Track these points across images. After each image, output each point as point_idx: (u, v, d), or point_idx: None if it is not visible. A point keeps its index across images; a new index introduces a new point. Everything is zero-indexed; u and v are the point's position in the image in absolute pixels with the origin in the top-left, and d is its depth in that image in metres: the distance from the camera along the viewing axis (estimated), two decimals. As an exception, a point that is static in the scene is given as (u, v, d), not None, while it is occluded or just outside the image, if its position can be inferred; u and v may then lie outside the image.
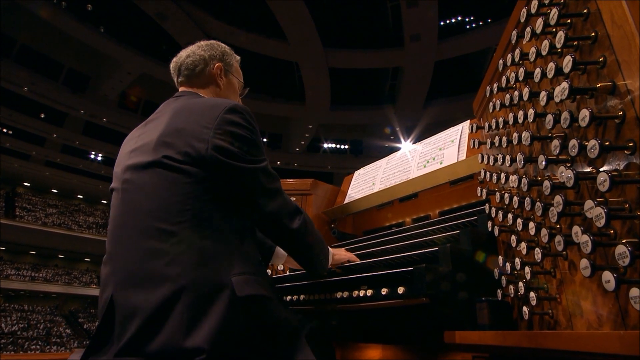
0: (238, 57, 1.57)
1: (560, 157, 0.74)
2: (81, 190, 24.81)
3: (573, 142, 0.65)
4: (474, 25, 17.24)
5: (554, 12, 0.73)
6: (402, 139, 19.94)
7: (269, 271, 2.19)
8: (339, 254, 1.49)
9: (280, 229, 1.20)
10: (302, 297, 1.46)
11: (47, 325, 21.38)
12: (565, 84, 0.68)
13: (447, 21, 17.31)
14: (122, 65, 18.47)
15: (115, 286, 1.03)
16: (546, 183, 0.75)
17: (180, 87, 1.43)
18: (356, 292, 1.22)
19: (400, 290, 1.09)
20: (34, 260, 23.98)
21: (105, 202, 26.05)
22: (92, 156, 22.18)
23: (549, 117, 0.73)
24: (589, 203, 0.61)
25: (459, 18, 17.41)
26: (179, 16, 15.72)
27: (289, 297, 1.52)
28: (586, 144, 0.62)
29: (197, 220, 1.03)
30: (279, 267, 2.20)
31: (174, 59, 1.45)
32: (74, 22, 16.11)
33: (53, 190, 24.73)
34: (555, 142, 0.72)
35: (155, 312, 0.94)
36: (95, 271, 25.22)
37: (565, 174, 0.67)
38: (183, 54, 1.45)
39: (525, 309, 0.91)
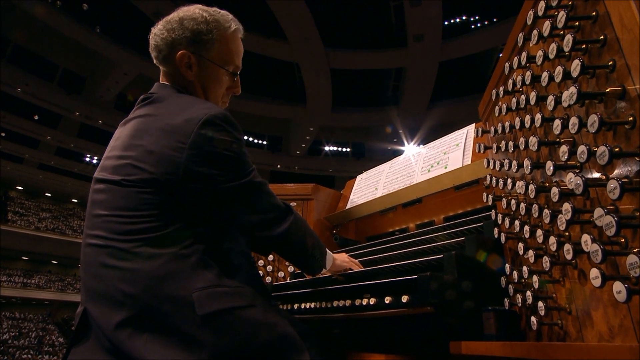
0: (233, 28, 1.26)
1: (568, 163, 0.74)
2: (76, 194, 24.84)
3: (582, 148, 0.65)
4: (479, 24, 17.31)
5: (561, 15, 0.74)
6: (405, 142, 19.97)
7: (269, 278, 2.19)
8: (341, 259, 1.48)
9: (268, 238, 1.17)
10: (303, 305, 1.46)
11: (39, 333, 21.35)
12: (573, 89, 0.68)
13: (452, 20, 17.38)
14: (119, 65, 18.55)
15: (86, 300, 1.03)
16: (554, 190, 0.75)
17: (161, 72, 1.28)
18: (359, 300, 1.22)
19: (404, 299, 1.09)
20: (26, 266, 23.99)
21: (100, 206, 26.04)
22: (87, 159, 22.24)
23: (557, 122, 0.74)
24: (598, 211, 0.61)
25: (464, 17, 17.48)
26: (177, 16, 15.78)
27: (289, 306, 1.52)
28: (595, 149, 0.63)
29: (156, 239, 1.00)
30: (279, 274, 2.20)
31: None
32: (70, 22, 16.22)
33: (47, 194, 24.79)
34: (564, 148, 0.72)
35: (113, 336, 0.93)
36: (90, 277, 25.17)
37: (574, 181, 0.67)
38: (153, 29, 1.25)
39: (533, 319, 0.91)
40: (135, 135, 1.11)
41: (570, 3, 0.76)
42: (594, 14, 0.70)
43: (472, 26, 17.45)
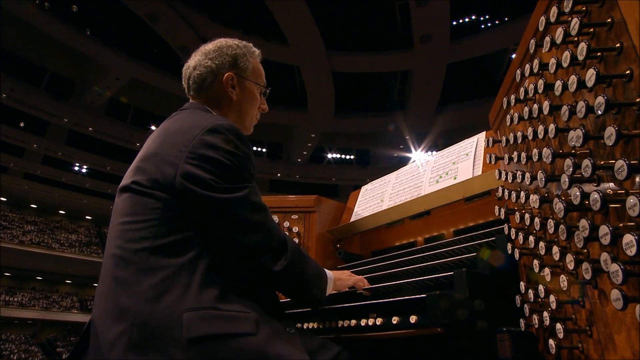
0: (257, 52, 1.53)
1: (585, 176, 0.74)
2: (63, 205, 24.88)
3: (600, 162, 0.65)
4: (489, 24, 17.41)
5: (575, 22, 0.75)
6: (412, 148, 19.97)
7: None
8: (342, 279, 1.45)
9: (259, 269, 1.14)
10: (305, 325, 1.46)
11: (22, 355, 21.21)
12: (590, 100, 0.69)
13: (460, 20, 17.50)
14: (110, 70, 18.73)
15: (95, 311, 1.08)
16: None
17: (191, 100, 1.44)
18: (365, 320, 1.22)
19: (413, 319, 1.09)
20: (8, 282, 23.89)
21: (89, 218, 26.13)
22: (76, 168, 22.31)
23: (572, 134, 0.74)
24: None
25: (473, 17, 17.60)
26: (171, 17, 15.99)
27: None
28: (613, 162, 0.63)
29: (157, 249, 1.04)
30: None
31: (184, 68, 1.44)
32: (58, 24, 16.41)
33: (32, 206, 24.82)
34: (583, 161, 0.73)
35: (109, 352, 0.96)
36: (77, 294, 25.13)
37: (591, 197, 0.67)
38: (191, 63, 1.42)
39: (551, 341, 0.90)
40: (148, 143, 1.23)
41: (584, 9, 0.77)
42: (609, 20, 0.71)
43: (482, 26, 17.56)
